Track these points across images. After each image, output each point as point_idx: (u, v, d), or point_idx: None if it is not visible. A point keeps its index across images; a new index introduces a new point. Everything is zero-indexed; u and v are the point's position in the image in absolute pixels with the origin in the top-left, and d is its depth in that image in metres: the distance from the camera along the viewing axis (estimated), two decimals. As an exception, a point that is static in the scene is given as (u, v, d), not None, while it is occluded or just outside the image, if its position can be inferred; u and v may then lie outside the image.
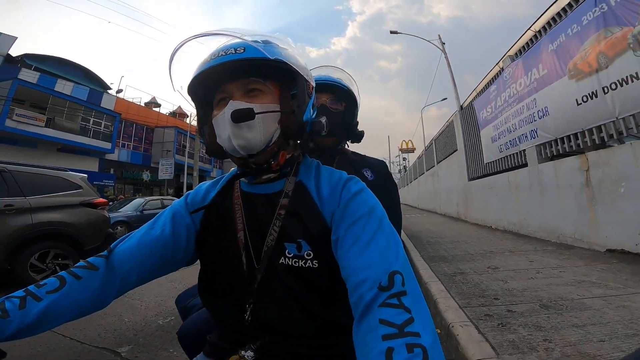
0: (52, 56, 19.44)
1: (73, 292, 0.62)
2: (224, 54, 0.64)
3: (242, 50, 0.63)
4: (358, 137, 1.32)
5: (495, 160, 7.43)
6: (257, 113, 0.64)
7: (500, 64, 7.37)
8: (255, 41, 0.65)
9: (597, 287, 2.68)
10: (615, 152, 3.99)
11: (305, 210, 0.67)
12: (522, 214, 6.11)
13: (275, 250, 0.66)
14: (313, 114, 0.77)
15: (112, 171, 22.15)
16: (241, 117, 0.62)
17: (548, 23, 5.67)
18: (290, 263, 0.65)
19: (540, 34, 5.88)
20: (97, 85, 22.01)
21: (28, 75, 16.54)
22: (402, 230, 1.70)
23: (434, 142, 14.73)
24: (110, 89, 23.46)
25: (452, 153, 11.13)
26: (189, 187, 22.86)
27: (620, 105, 3.92)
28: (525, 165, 6.03)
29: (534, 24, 6.14)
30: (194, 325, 0.92)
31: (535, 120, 5.65)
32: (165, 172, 22.68)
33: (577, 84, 4.65)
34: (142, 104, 27.58)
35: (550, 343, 1.79)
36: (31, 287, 0.60)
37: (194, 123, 24.32)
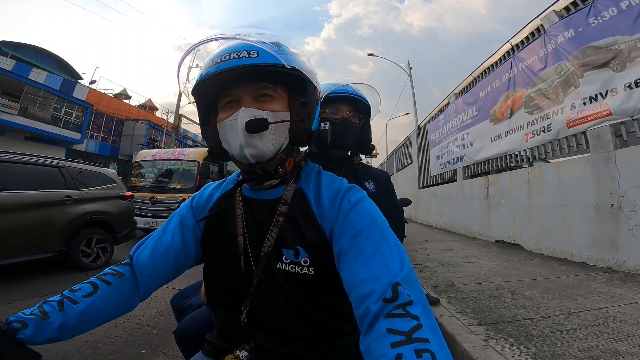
0: (28, 44, 19.33)
1: (105, 297, 0.65)
2: (235, 56, 0.62)
3: (256, 54, 0.62)
4: (369, 150, 1.34)
5: (438, 175, 9.49)
6: (271, 123, 0.63)
7: (447, 100, 9.34)
8: (268, 44, 0.63)
9: (473, 258, 4.61)
10: (501, 176, 6.05)
11: (303, 218, 0.67)
12: (451, 216, 8.25)
13: (272, 255, 0.67)
14: (318, 121, 0.76)
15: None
16: (256, 127, 0.62)
17: (484, 71, 7.23)
18: (287, 269, 0.65)
19: (477, 80, 7.50)
20: (68, 74, 21.87)
21: (4, 63, 16.44)
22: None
23: (394, 153, 16.90)
24: (82, 78, 23.35)
25: (408, 165, 13.25)
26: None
27: (509, 145, 5.92)
28: (455, 180, 8.13)
29: (473, 71, 7.73)
30: (191, 325, 0.93)
31: (464, 149, 7.66)
32: (138, 165, 22.91)
33: (493, 127, 6.52)
34: (113, 95, 27.36)
35: (438, 278, 3.55)
36: (66, 292, 0.63)
37: (171, 120, 24.85)
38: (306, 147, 0.78)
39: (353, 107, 1.26)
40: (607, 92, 3.96)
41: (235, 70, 0.62)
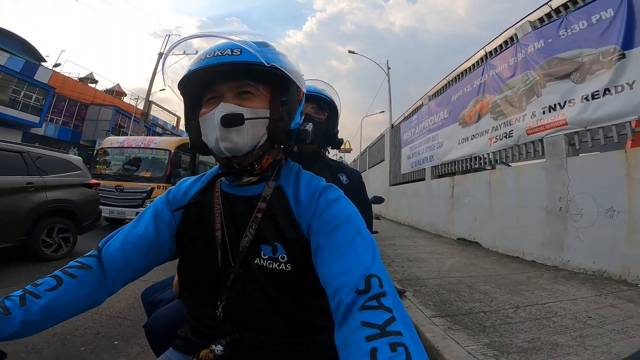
0: (-10, 26, 17.83)
1: (70, 291, 0.63)
2: (219, 54, 0.64)
3: (239, 53, 0.64)
4: (338, 144, 1.45)
5: (408, 173, 9.84)
6: (247, 119, 0.65)
7: (421, 101, 9.60)
8: (253, 43, 0.66)
9: (437, 254, 4.91)
10: (466, 177, 6.42)
11: (281, 215, 0.69)
12: (419, 213, 8.64)
13: (251, 251, 0.68)
14: (301, 120, 0.77)
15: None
16: (231, 122, 0.63)
17: (458, 76, 7.41)
18: (265, 264, 0.67)
19: (451, 84, 7.70)
20: (32, 57, 20.46)
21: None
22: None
23: (368, 149, 17.23)
24: (45, 61, 21.92)
25: (380, 162, 13.59)
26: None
27: (475, 148, 6.26)
28: (424, 179, 8.49)
29: (448, 75, 7.91)
30: (162, 319, 0.91)
31: (434, 149, 7.98)
32: (103, 152, 21.84)
33: (461, 130, 6.80)
34: (78, 79, 25.75)
35: (405, 272, 3.76)
36: (29, 287, 0.61)
37: (140, 106, 23.80)
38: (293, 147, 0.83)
39: (316, 104, 1.35)
40: (565, 102, 4.26)
41: (218, 67, 0.64)
